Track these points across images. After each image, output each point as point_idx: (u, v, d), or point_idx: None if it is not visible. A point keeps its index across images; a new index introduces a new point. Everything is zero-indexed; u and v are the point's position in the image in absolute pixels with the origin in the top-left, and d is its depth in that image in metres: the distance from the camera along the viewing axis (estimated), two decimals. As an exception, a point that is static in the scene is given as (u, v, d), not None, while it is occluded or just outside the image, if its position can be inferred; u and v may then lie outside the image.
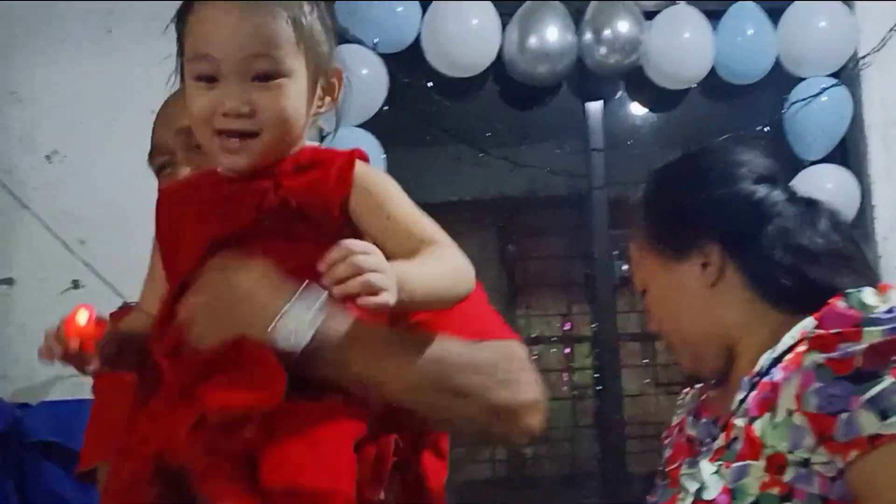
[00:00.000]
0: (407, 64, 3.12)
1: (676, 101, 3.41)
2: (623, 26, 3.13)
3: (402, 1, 3.08)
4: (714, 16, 3.25)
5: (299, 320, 1.00)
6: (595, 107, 3.38)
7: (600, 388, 3.40)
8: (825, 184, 3.22)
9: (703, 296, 1.32)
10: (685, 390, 1.51)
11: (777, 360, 1.20)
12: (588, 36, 3.15)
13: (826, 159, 3.28)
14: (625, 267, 3.37)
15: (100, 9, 3.03)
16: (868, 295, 1.17)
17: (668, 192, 1.39)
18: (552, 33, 3.11)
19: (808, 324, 1.19)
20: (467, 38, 3.10)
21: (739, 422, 1.19)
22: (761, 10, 3.25)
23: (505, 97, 3.35)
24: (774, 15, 3.26)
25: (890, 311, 1.13)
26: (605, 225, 3.36)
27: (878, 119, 3.30)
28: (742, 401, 1.21)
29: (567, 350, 3.59)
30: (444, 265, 1.06)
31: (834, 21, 3.25)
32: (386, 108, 3.06)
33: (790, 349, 1.20)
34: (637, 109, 3.46)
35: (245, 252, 1.04)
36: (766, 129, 3.35)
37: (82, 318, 1.08)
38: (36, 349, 1.10)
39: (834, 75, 3.28)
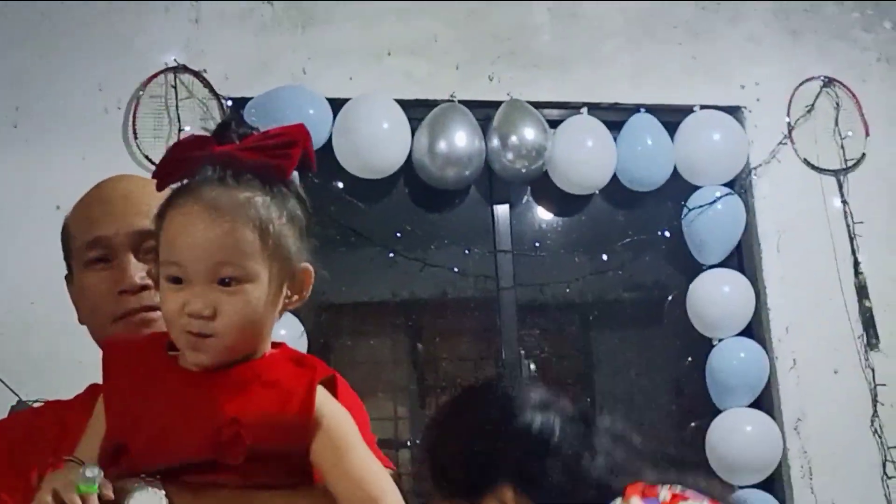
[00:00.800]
0: (318, 165, 3.15)
1: (581, 206, 3.52)
2: (529, 133, 3.23)
3: (316, 99, 3.13)
4: (615, 126, 3.40)
5: (150, 495, 1.06)
6: (502, 210, 3.46)
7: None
8: (722, 287, 3.35)
9: None
10: None
11: None
12: (495, 142, 3.25)
13: (722, 264, 3.41)
14: (532, 367, 3.41)
15: (6, 104, 3.00)
16: None
17: (447, 443, 1.35)
18: (461, 138, 3.19)
19: None
20: (378, 141, 3.16)
21: None
22: (658, 122, 3.42)
23: (415, 199, 3.41)
24: (671, 127, 3.43)
25: None
26: (514, 325, 3.40)
27: (771, 227, 3.47)
28: None
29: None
30: None
31: (726, 133, 3.43)
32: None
33: None
34: (543, 213, 3.55)
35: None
36: (666, 235, 3.48)
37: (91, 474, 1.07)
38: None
39: (728, 185, 3.45)
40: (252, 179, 1.12)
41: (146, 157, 3.00)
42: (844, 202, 3.49)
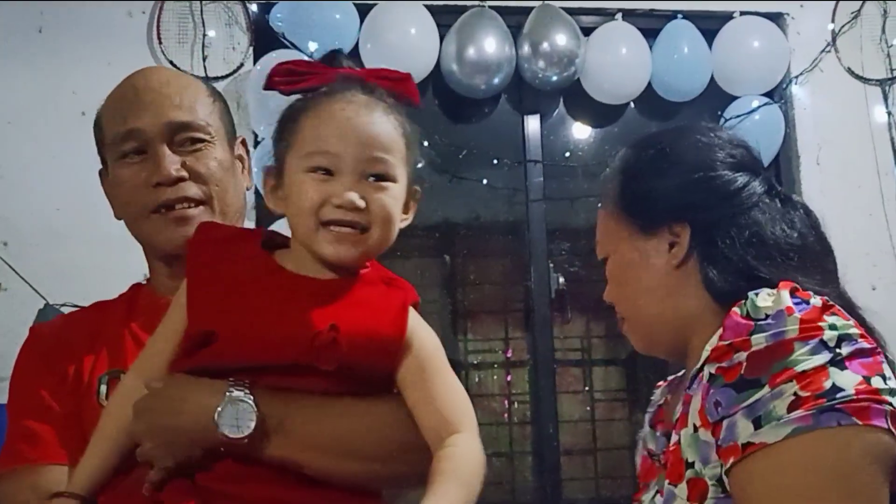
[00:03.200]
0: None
1: (614, 117, 3.43)
2: (561, 40, 3.15)
3: (342, 4, 3.06)
4: (650, 33, 3.29)
5: (240, 409, 1.07)
6: (533, 121, 3.38)
7: (536, 414, 3.37)
8: (758, 201, 3.26)
9: (663, 276, 1.27)
10: (658, 384, 1.44)
11: (700, 372, 1.17)
12: (526, 49, 3.16)
13: (759, 177, 3.32)
14: (562, 280, 3.36)
15: (31, 7, 2.97)
16: (762, 299, 1.13)
17: (647, 165, 1.32)
18: (490, 45, 3.12)
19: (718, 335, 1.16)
20: (405, 47, 3.09)
21: (673, 438, 1.17)
22: (696, 29, 3.30)
23: (443, 109, 3.35)
24: (709, 34, 3.31)
25: (776, 315, 1.10)
26: (544, 238, 3.35)
27: (811, 139, 3.36)
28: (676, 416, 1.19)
29: (508, 376, 3.54)
30: (462, 485, 1.08)
31: (767, 41, 3.31)
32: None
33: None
34: (575, 125, 3.47)
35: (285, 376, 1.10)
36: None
37: None
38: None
39: (767, 95, 3.34)
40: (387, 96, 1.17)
41: (171, 62, 2.97)
42: (889, 113, 3.37)
